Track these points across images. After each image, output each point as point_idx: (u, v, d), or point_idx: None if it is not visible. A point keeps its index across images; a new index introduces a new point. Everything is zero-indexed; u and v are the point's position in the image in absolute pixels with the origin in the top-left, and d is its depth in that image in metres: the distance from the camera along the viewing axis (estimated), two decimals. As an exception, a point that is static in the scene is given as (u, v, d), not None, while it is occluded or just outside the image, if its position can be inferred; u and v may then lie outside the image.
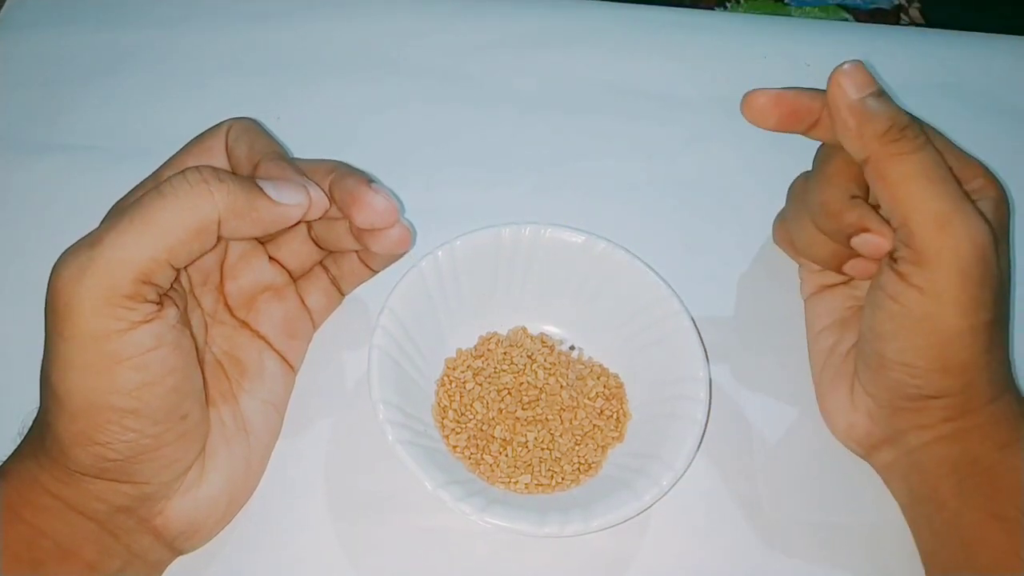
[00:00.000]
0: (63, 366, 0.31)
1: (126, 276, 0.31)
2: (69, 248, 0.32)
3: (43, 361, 0.32)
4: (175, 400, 0.33)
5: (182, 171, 0.33)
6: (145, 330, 0.32)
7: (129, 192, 0.37)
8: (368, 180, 0.37)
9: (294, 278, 0.42)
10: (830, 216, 0.39)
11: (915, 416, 0.38)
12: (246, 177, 0.34)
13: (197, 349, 0.36)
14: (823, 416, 0.42)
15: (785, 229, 0.45)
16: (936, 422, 0.38)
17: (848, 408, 0.40)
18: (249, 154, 0.36)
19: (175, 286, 0.35)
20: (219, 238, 0.33)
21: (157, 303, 0.32)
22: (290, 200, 0.34)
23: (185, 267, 0.34)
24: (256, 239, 0.41)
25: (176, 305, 0.34)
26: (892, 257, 0.37)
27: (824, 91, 0.37)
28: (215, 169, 0.33)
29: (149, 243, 0.31)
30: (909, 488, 0.40)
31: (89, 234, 0.32)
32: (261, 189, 0.34)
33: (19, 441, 0.35)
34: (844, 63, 0.36)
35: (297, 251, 0.42)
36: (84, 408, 0.32)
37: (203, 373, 0.37)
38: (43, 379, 0.33)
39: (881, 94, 0.36)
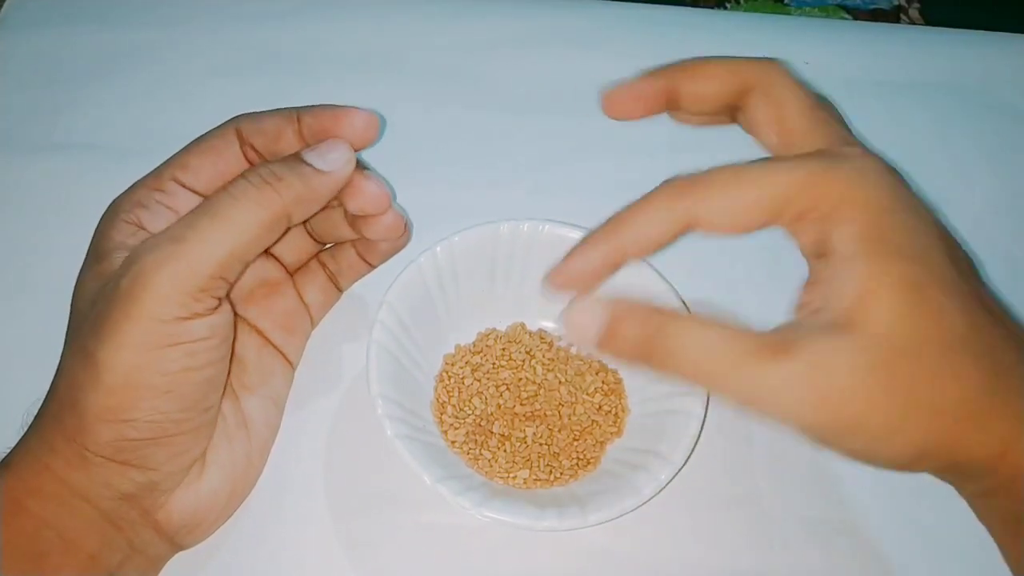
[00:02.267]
0: (118, 342, 0.32)
1: (205, 270, 0.33)
2: (150, 241, 0.33)
3: (86, 338, 0.33)
4: (206, 391, 0.35)
5: (242, 174, 0.34)
6: (203, 321, 0.33)
7: (129, 188, 0.37)
8: (361, 166, 0.37)
9: (291, 273, 0.42)
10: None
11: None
12: (292, 157, 0.36)
13: None
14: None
15: None
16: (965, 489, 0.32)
17: None
18: (274, 136, 0.37)
19: None
20: (287, 228, 0.35)
21: (219, 298, 0.34)
22: (337, 163, 0.35)
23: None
24: None
25: (231, 304, 0.36)
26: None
27: (666, 69, 0.34)
28: (268, 166, 0.35)
29: (228, 239, 0.33)
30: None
31: (167, 231, 0.33)
32: (311, 165, 0.35)
33: (23, 433, 0.35)
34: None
35: (293, 245, 0.42)
36: (123, 384, 0.32)
37: None
38: (82, 354, 0.33)
39: None
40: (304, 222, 0.42)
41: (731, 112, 0.34)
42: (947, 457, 0.29)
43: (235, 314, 0.40)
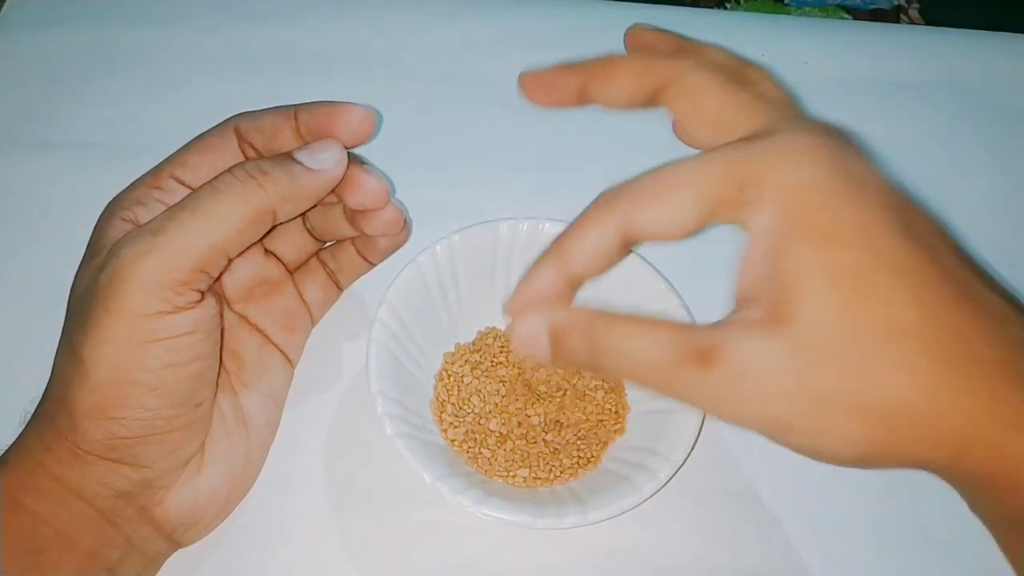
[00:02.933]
0: (100, 338, 0.32)
1: (185, 263, 0.32)
2: (129, 234, 0.33)
3: (74, 335, 0.33)
4: (195, 386, 0.35)
5: (229, 169, 0.34)
6: (186, 315, 0.33)
7: (128, 187, 0.37)
8: (360, 161, 0.37)
9: (291, 271, 0.42)
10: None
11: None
12: (283, 156, 0.36)
13: None
14: None
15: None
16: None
17: None
18: (272, 134, 0.37)
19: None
20: (274, 224, 0.35)
21: (202, 292, 0.34)
22: (327, 163, 0.35)
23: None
24: None
25: (216, 298, 0.35)
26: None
27: (580, 66, 0.33)
28: (256, 161, 0.35)
29: (209, 232, 0.33)
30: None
31: (149, 223, 0.33)
32: (301, 163, 0.35)
33: (21, 431, 0.35)
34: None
35: (293, 243, 0.42)
36: (108, 380, 0.32)
37: None
38: (69, 351, 0.33)
39: None
40: (304, 220, 0.42)
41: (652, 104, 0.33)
42: (893, 458, 0.27)
43: (235, 313, 0.40)
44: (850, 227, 0.26)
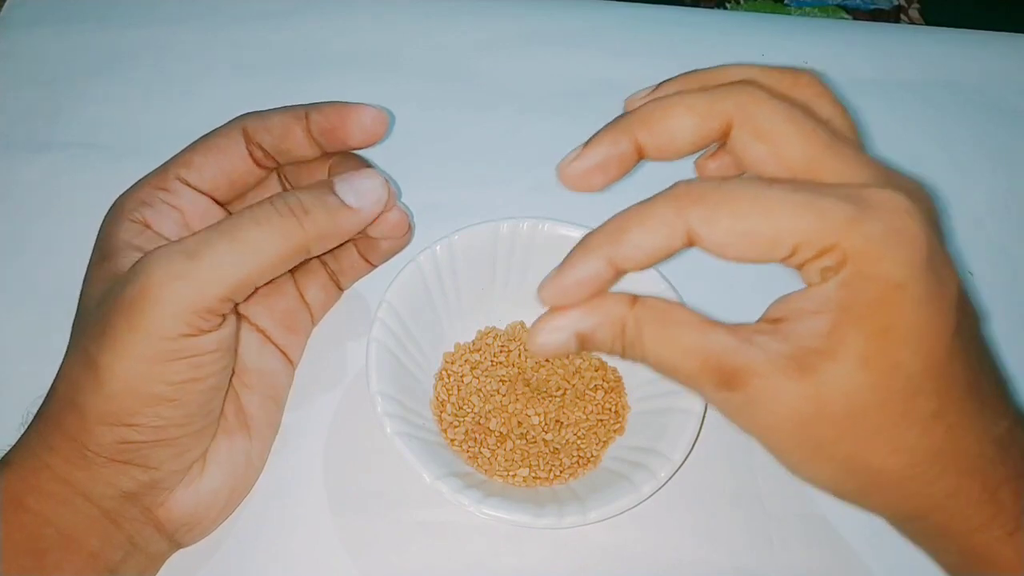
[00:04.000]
0: (120, 353, 0.32)
1: (216, 293, 0.32)
2: (161, 251, 0.33)
3: (88, 341, 0.33)
4: (210, 397, 0.35)
5: (269, 199, 0.34)
6: (209, 337, 0.33)
7: (133, 186, 0.37)
8: (366, 164, 0.37)
9: (292, 272, 0.42)
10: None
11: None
12: (322, 186, 0.35)
13: None
14: None
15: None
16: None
17: None
18: (281, 134, 0.37)
19: None
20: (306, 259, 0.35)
21: (225, 315, 0.34)
22: (367, 200, 0.35)
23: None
24: None
25: (236, 315, 0.36)
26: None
27: (622, 125, 0.30)
28: (297, 195, 0.34)
29: (243, 265, 0.33)
30: None
31: (182, 243, 0.33)
32: (340, 200, 0.35)
33: (22, 431, 0.35)
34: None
35: None
36: (125, 391, 0.32)
37: None
38: (83, 357, 0.33)
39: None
40: None
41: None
42: (855, 501, 0.31)
43: (237, 313, 0.40)
44: (909, 330, 0.27)
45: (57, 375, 0.35)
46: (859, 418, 0.27)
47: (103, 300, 0.33)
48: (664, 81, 0.33)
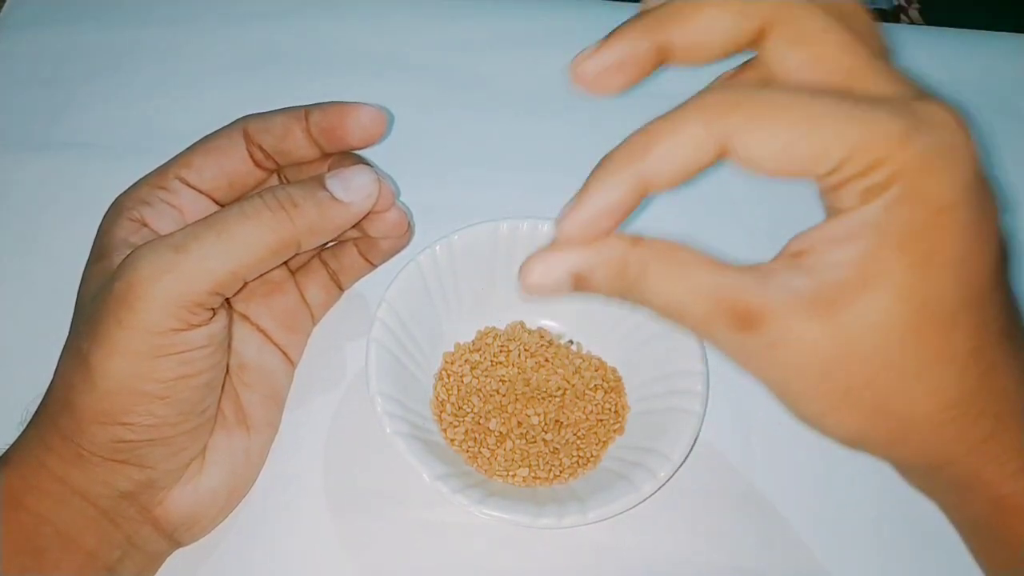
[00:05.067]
0: (111, 350, 0.32)
1: (203, 286, 0.32)
2: (149, 246, 0.33)
3: (80, 340, 0.33)
4: (204, 394, 0.35)
5: (259, 193, 0.34)
6: (199, 331, 0.33)
7: (133, 185, 0.37)
8: (365, 164, 0.37)
9: (292, 271, 0.43)
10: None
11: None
12: (313, 181, 0.35)
13: None
14: None
15: None
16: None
17: None
18: (281, 135, 0.37)
19: None
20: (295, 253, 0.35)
21: (215, 309, 0.34)
22: (358, 194, 0.35)
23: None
24: None
25: (227, 309, 0.36)
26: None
27: (649, 19, 0.27)
28: (287, 190, 0.34)
29: (231, 258, 0.33)
30: None
31: (170, 237, 0.33)
32: (331, 195, 0.35)
33: (21, 430, 0.35)
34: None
35: None
36: (117, 390, 0.32)
37: None
38: (76, 356, 0.33)
39: None
40: None
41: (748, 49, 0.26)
42: (876, 449, 0.28)
43: (237, 312, 0.40)
44: (952, 259, 0.24)
45: (54, 374, 0.35)
46: (893, 357, 0.25)
47: (95, 297, 0.33)
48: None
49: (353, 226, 0.40)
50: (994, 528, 0.29)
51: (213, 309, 0.34)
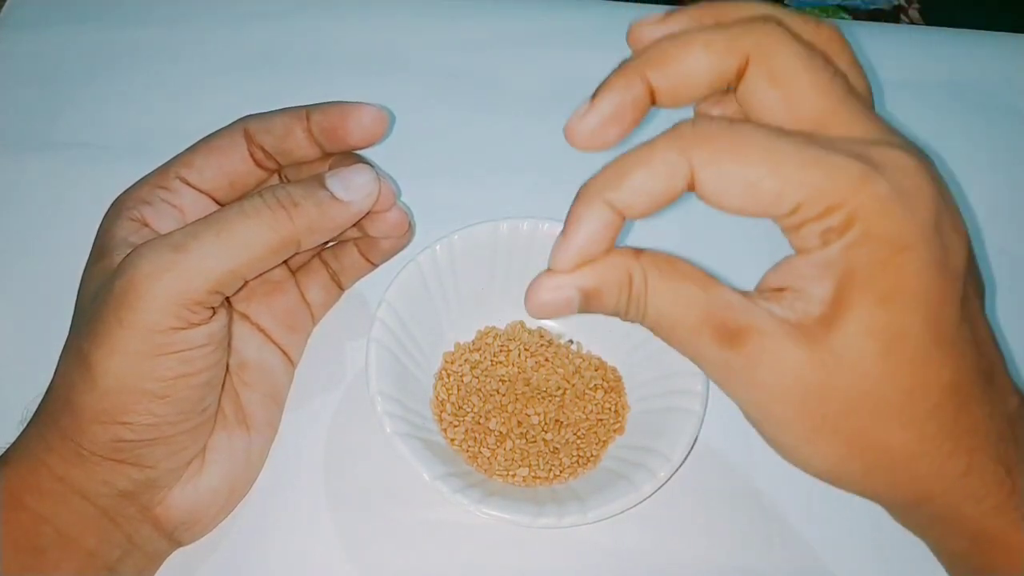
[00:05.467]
0: (111, 349, 0.32)
1: (203, 284, 0.32)
2: (148, 244, 0.33)
3: (81, 339, 0.33)
4: (203, 393, 0.35)
5: (259, 192, 0.34)
6: (199, 330, 0.33)
7: (134, 185, 0.38)
8: (366, 163, 0.37)
9: (293, 271, 0.43)
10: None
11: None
12: (312, 181, 0.35)
13: None
14: None
15: None
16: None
17: None
18: (282, 135, 0.37)
19: None
20: (297, 253, 0.35)
21: (215, 307, 0.34)
22: (358, 193, 0.35)
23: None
24: None
25: (227, 308, 0.36)
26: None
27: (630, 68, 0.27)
28: (287, 189, 0.34)
29: (231, 257, 0.33)
30: None
31: (170, 236, 0.33)
32: (331, 194, 0.35)
33: (22, 429, 0.35)
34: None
35: None
36: (117, 389, 0.32)
37: None
38: (76, 355, 0.33)
39: None
40: None
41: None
42: (852, 485, 0.29)
43: (237, 312, 0.40)
44: (915, 296, 0.25)
45: (54, 373, 0.35)
46: (866, 391, 0.26)
47: (96, 297, 0.33)
48: (673, 11, 0.29)
49: (354, 226, 0.40)
50: (975, 565, 0.30)
51: (213, 308, 0.34)
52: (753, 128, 0.25)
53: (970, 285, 0.27)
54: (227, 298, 0.35)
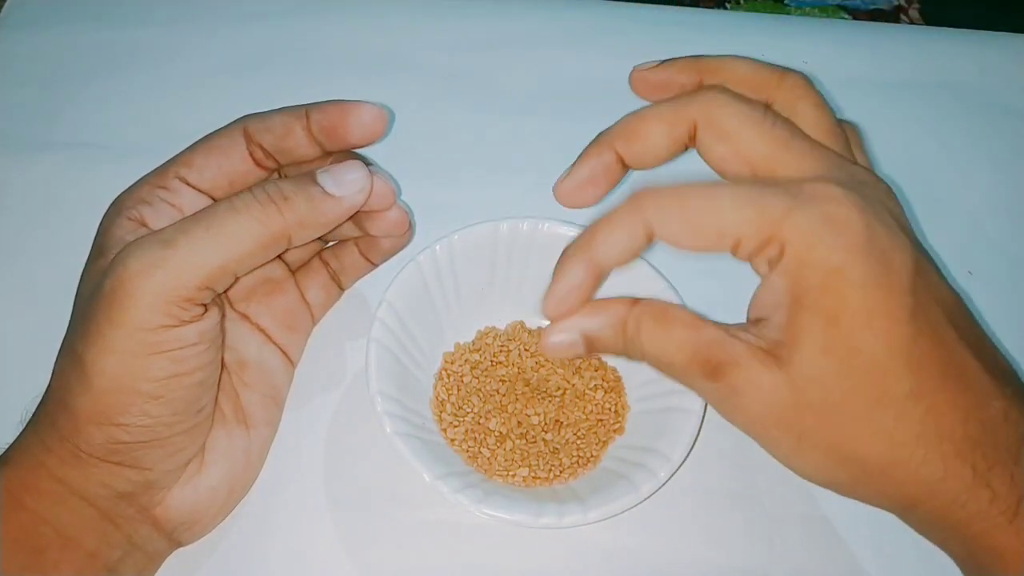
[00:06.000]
0: (104, 348, 0.32)
1: (192, 281, 0.32)
2: (137, 242, 0.33)
3: (75, 340, 0.33)
4: (198, 393, 0.35)
5: (250, 188, 0.34)
6: (191, 328, 0.33)
7: (133, 185, 0.37)
8: (366, 163, 0.37)
9: (293, 271, 0.43)
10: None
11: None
12: (304, 177, 0.35)
13: None
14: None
15: None
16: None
17: None
18: (282, 134, 0.37)
19: None
20: (288, 248, 0.35)
21: (206, 305, 0.34)
22: (350, 188, 0.35)
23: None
24: None
25: (219, 306, 0.35)
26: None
27: (601, 142, 0.33)
28: (277, 184, 0.34)
29: (220, 252, 0.33)
30: None
31: (159, 233, 0.33)
32: (322, 189, 0.35)
33: (22, 429, 0.35)
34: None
35: None
36: (111, 389, 0.32)
37: None
38: (71, 356, 0.33)
39: None
40: None
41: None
42: (852, 494, 0.32)
43: (237, 312, 0.40)
44: (858, 313, 0.28)
45: (51, 374, 0.35)
46: (834, 405, 0.29)
47: (90, 297, 0.33)
48: (667, 60, 0.35)
49: (354, 225, 0.40)
50: (973, 567, 0.31)
51: (204, 305, 0.34)
52: (695, 183, 0.29)
53: (925, 296, 0.29)
54: (220, 295, 0.35)
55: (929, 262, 0.30)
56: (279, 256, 0.41)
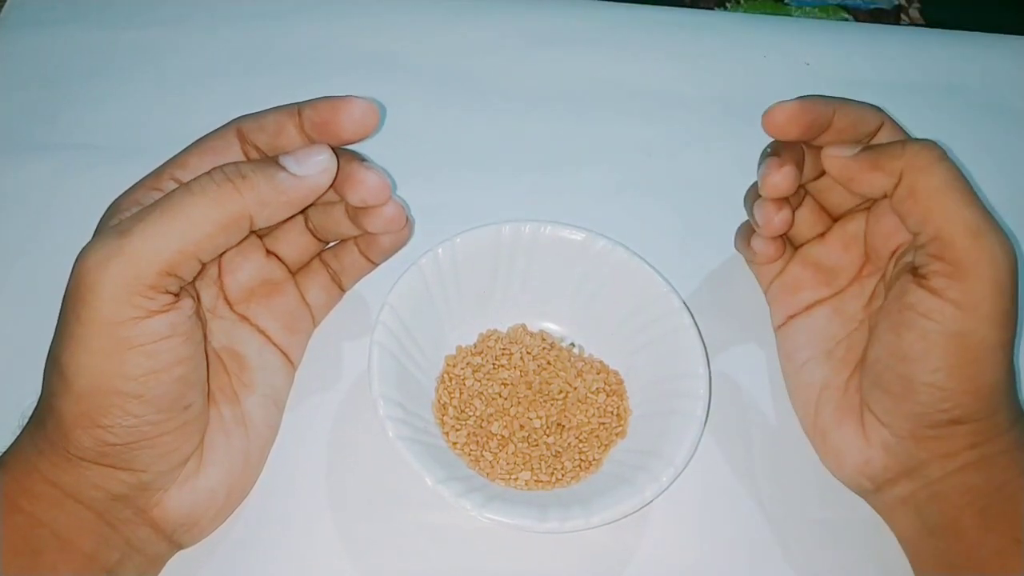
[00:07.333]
0: (75, 348, 0.32)
1: (151, 267, 0.32)
2: (96, 236, 0.33)
3: (53, 343, 0.33)
4: (180, 389, 0.34)
5: (208, 172, 0.34)
6: (161, 319, 0.33)
7: (130, 188, 0.37)
8: (360, 158, 0.37)
9: (293, 272, 0.42)
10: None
11: (940, 444, 0.37)
12: (268, 159, 0.35)
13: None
14: (825, 455, 0.41)
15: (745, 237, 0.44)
16: (962, 449, 0.37)
17: (861, 443, 0.39)
18: (274, 132, 0.37)
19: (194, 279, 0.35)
20: (252, 230, 0.34)
21: (176, 294, 0.33)
22: (312, 169, 0.35)
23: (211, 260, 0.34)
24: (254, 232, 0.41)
25: (192, 297, 0.35)
26: (919, 274, 0.36)
27: (829, 99, 0.38)
28: (237, 164, 0.34)
29: (177, 236, 0.32)
30: (923, 521, 0.38)
31: (118, 224, 0.33)
32: (284, 168, 0.34)
33: (19, 433, 0.35)
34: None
35: (295, 243, 0.42)
36: (90, 390, 0.32)
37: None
38: (51, 360, 0.33)
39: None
40: (306, 220, 0.42)
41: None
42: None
43: (237, 313, 0.40)
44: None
45: (43, 379, 0.35)
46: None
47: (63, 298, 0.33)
48: (806, 97, 0.39)
49: (352, 223, 0.40)
50: None
51: (173, 294, 0.33)
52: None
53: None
54: (190, 284, 0.35)
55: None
56: (278, 257, 0.42)
